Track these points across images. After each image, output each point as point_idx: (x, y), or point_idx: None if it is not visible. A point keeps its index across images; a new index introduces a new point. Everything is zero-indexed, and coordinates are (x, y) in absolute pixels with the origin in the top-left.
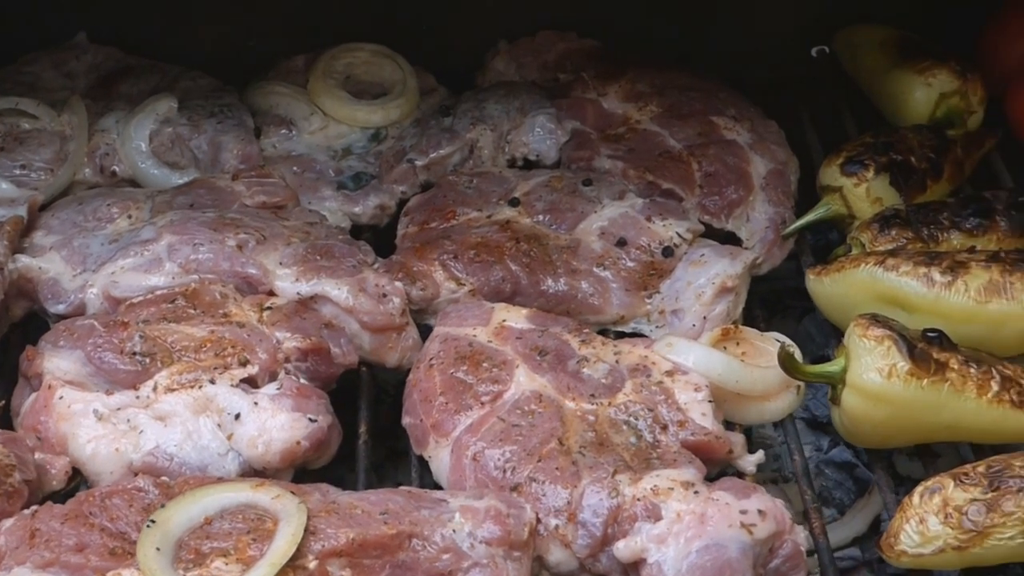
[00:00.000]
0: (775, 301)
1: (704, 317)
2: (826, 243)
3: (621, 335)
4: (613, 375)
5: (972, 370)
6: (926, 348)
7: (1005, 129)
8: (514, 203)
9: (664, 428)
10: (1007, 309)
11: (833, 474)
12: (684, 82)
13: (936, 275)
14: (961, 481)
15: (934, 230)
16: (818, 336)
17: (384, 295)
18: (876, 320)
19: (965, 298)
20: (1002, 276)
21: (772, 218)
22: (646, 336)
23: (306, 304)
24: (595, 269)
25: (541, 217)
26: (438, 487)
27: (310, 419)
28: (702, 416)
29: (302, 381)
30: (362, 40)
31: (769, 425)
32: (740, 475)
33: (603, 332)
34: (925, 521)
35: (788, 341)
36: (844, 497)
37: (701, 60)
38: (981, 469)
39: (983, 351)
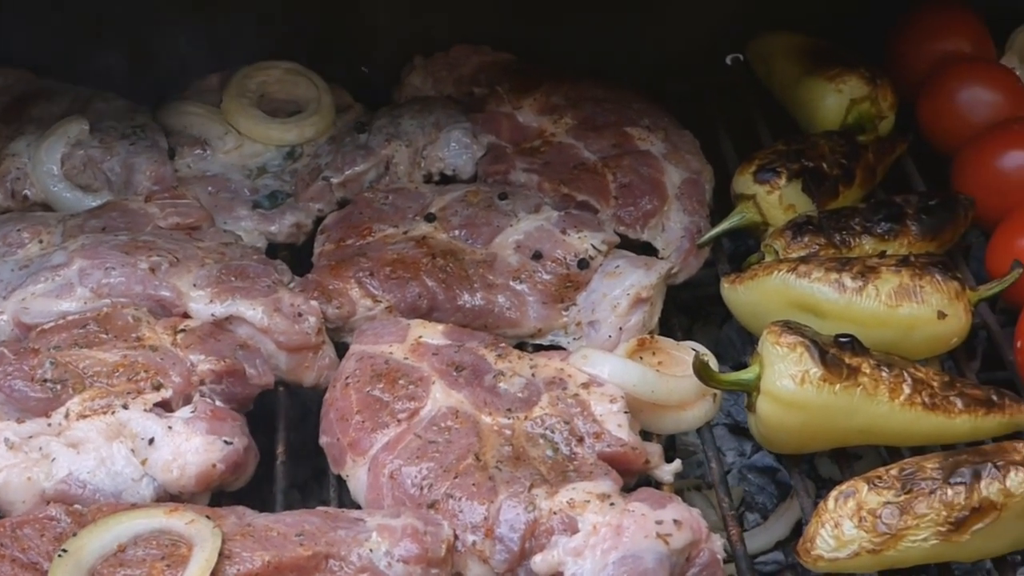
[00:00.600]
0: (697, 308)
1: (620, 328)
2: (746, 250)
3: (539, 348)
4: (529, 389)
5: (884, 374)
6: (838, 353)
7: (916, 134)
8: (430, 219)
9: (580, 440)
10: (917, 312)
11: (756, 479)
12: (599, 94)
13: (847, 280)
14: (875, 484)
15: (846, 236)
16: (739, 343)
17: (299, 314)
18: (788, 327)
19: (876, 303)
20: (912, 280)
21: (687, 227)
22: (563, 349)
23: (221, 326)
24: (511, 283)
25: (457, 232)
26: (357, 506)
27: (225, 441)
28: (618, 427)
29: (217, 403)
30: (276, 58)
31: (693, 432)
32: (658, 485)
33: (521, 346)
34: (840, 525)
35: (703, 350)
36: (767, 502)
37: (617, 71)
38: (894, 472)
39: (895, 355)
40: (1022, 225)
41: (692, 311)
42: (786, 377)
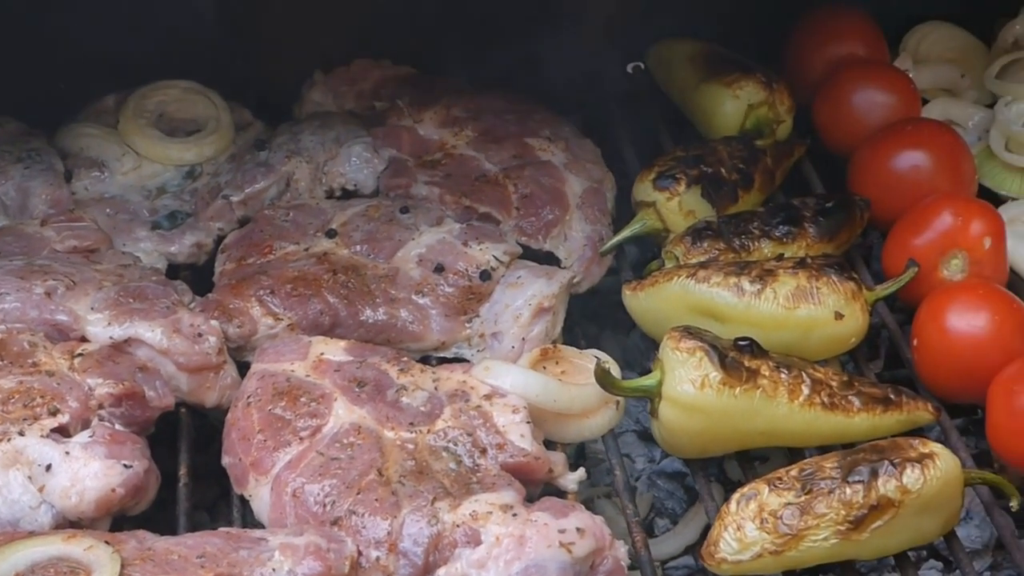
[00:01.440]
0: (605, 316)
1: (523, 338)
2: (653, 257)
3: (444, 361)
4: (432, 402)
5: (783, 375)
6: (737, 357)
7: (814, 136)
8: (331, 234)
9: (483, 452)
10: (815, 314)
11: (665, 485)
12: (499, 105)
13: (746, 284)
14: (775, 486)
15: (745, 240)
16: (647, 349)
17: (199, 335)
18: (688, 332)
19: (774, 305)
20: (809, 282)
21: (589, 236)
22: (468, 361)
23: (120, 348)
24: (414, 296)
25: (359, 247)
26: (261, 526)
27: (125, 465)
28: (521, 438)
29: (117, 427)
30: (174, 77)
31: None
32: (563, 494)
33: (425, 359)
34: (742, 528)
35: (605, 357)
36: (676, 507)
37: (518, 82)
38: (794, 473)
39: (794, 356)
40: (916, 225)
41: (600, 318)
42: (686, 382)
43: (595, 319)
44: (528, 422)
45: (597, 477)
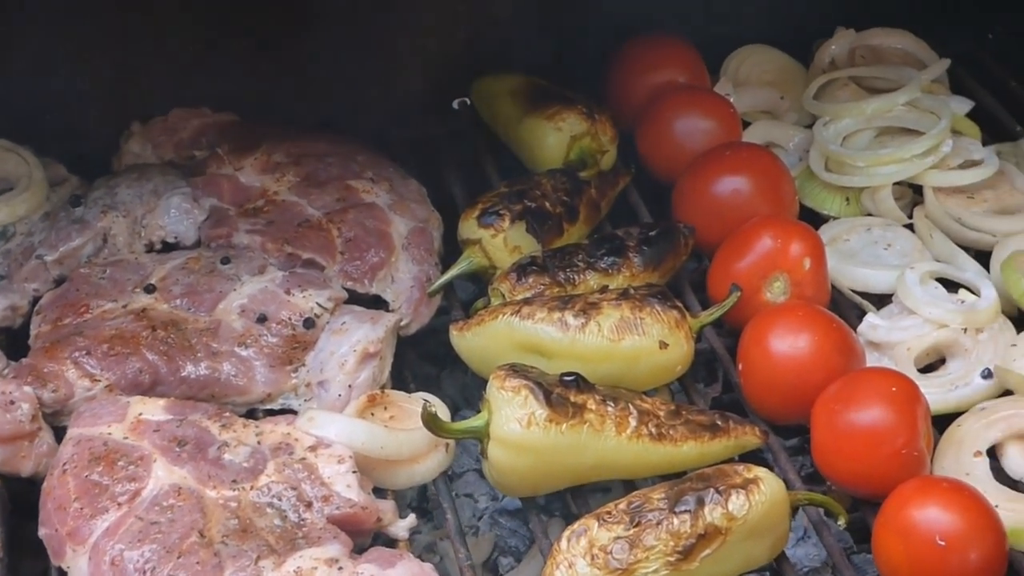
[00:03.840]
0: (444, 356)
1: (349, 385)
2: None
3: (271, 413)
4: (255, 457)
5: (610, 408)
6: (563, 392)
7: (640, 165)
8: (150, 290)
9: (309, 505)
10: (639, 344)
11: (508, 523)
12: (321, 148)
13: (570, 318)
14: (604, 520)
15: (571, 273)
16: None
17: (11, 402)
18: (513, 370)
19: (599, 338)
20: (632, 312)
21: (417, 277)
22: (295, 412)
23: None
24: (237, 349)
25: (179, 301)
26: None
27: None
28: (347, 488)
29: None
30: None
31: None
32: (394, 542)
33: (252, 412)
34: (574, 565)
35: (433, 400)
36: (520, 544)
37: (343, 124)
38: (623, 506)
39: (622, 388)
40: (738, 249)
41: (439, 359)
42: (513, 421)
43: (433, 360)
44: (354, 472)
45: (440, 519)
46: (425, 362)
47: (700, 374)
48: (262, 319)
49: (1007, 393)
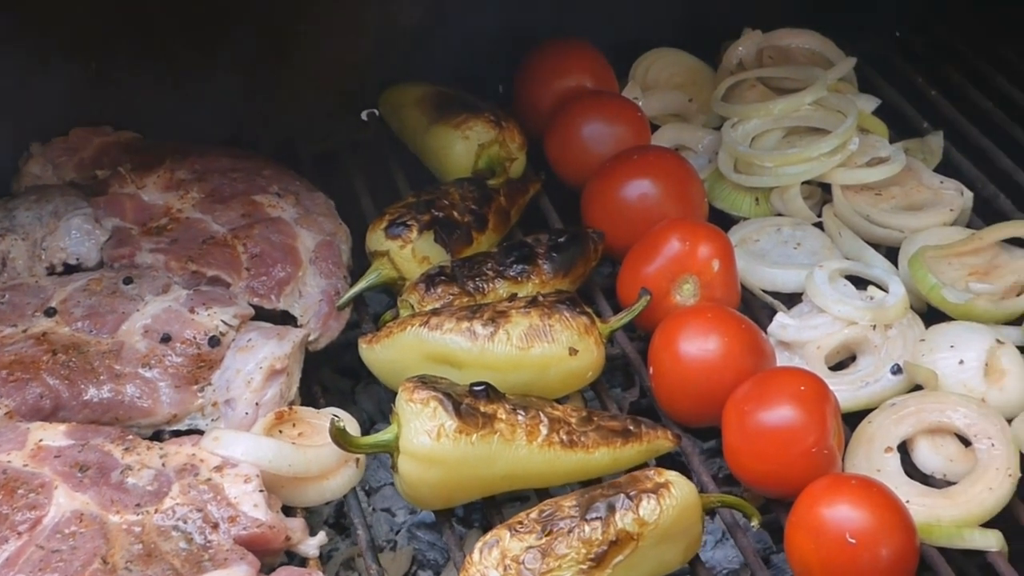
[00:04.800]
0: (360, 370)
1: (256, 403)
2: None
3: (178, 434)
4: (159, 480)
5: (520, 417)
6: (473, 403)
7: (549, 171)
8: (51, 313)
9: (215, 527)
10: (549, 351)
11: (426, 536)
12: (226, 164)
13: (479, 328)
14: (516, 531)
15: (480, 282)
16: None
17: None
18: (422, 382)
19: (508, 347)
20: (541, 320)
21: (325, 291)
22: (202, 432)
23: None
24: (141, 370)
25: (80, 324)
26: None
27: None
28: (254, 508)
29: None
30: None
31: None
32: (304, 561)
33: (158, 434)
34: None
35: (342, 415)
36: (438, 557)
37: (250, 140)
38: (534, 515)
39: (533, 396)
40: (646, 253)
41: (354, 374)
42: (422, 433)
43: (349, 374)
44: (261, 491)
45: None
46: (340, 376)
47: (618, 379)
48: (166, 339)
49: (917, 388)
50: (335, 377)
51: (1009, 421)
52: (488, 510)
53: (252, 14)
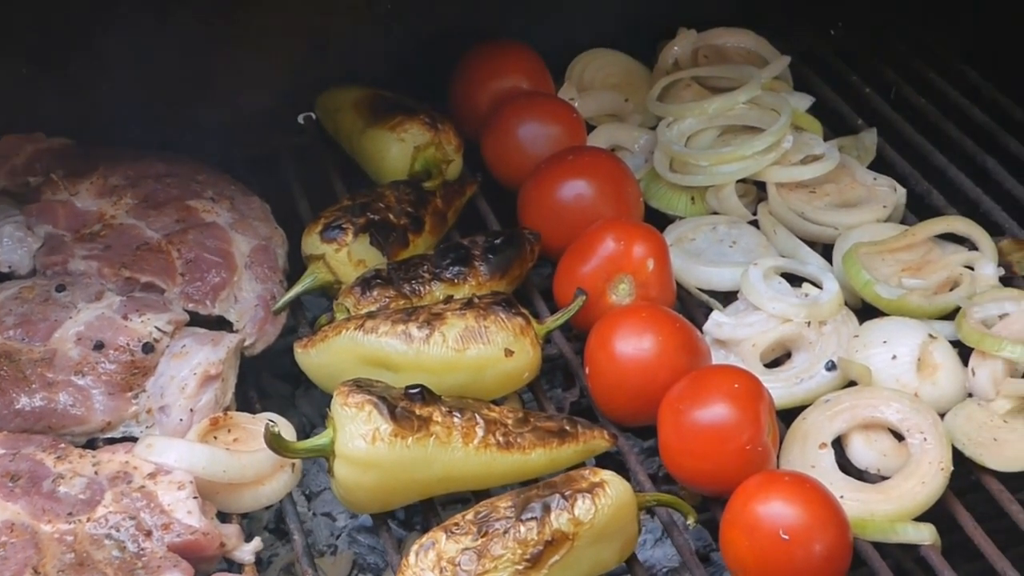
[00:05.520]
0: (298, 374)
1: (191, 409)
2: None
3: (112, 442)
4: (92, 488)
5: (456, 420)
6: (408, 406)
7: (486, 173)
8: None
9: (148, 535)
10: (485, 353)
11: (366, 540)
12: (160, 169)
13: (414, 331)
14: (452, 532)
15: (416, 285)
16: None
17: None
18: (357, 386)
19: (444, 349)
20: (477, 322)
21: (261, 295)
22: (136, 440)
23: None
24: (73, 378)
25: (12, 332)
26: None
27: None
28: (188, 514)
29: None
30: None
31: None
32: (240, 567)
33: (93, 442)
34: None
35: (277, 420)
36: (378, 561)
37: (184, 145)
38: (470, 517)
39: (469, 398)
40: (582, 253)
41: (293, 378)
42: (357, 437)
43: (288, 378)
44: (195, 497)
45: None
46: (280, 381)
47: (558, 380)
48: (99, 346)
49: (851, 384)
50: (275, 382)
51: (942, 415)
52: (428, 513)
53: (188, 19)
